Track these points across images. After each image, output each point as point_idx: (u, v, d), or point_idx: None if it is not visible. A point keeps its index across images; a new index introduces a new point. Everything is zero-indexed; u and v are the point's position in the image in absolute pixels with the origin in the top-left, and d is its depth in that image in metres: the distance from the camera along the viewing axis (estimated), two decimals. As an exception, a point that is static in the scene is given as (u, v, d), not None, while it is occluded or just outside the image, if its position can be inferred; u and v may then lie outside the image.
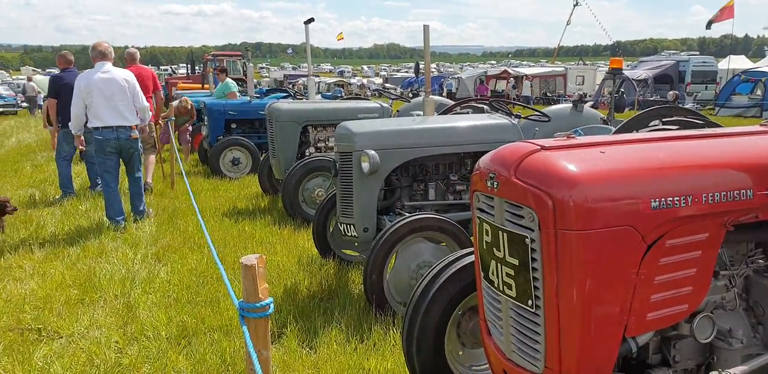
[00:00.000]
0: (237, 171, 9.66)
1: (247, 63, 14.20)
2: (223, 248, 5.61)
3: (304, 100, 9.75)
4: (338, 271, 4.98)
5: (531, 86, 34.09)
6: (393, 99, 9.41)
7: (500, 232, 1.98)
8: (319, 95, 15.73)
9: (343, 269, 5.04)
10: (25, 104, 28.50)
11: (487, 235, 2.08)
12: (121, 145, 6.42)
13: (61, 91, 7.98)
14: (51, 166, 11.01)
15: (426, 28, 5.09)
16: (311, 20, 8.50)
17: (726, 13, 27.73)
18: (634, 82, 26.14)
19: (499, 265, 2.03)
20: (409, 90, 42.42)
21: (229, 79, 11.38)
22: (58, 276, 4.87)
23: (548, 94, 33.92)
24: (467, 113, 6.30)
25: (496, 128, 4.72)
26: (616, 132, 4.40)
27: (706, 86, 28.63)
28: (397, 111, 9.39)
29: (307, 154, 7.67)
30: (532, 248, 1.86)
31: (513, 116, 5.03)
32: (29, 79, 27.99)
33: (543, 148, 1.94)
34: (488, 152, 4.59)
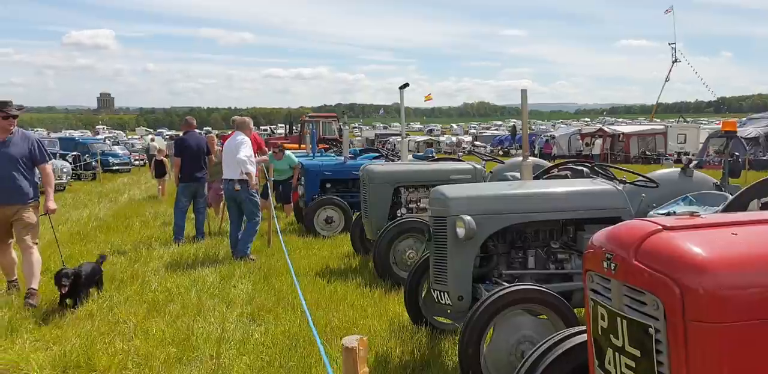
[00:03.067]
0: (330, 230, 9.80)
1: (343, 126, 14.66)
2: (315, 310, 5.59)
3: (397, 161, 9.87)
4: (431, 340, 4.81)
5: (602, 145, 33.40)
6: (485, 160, 9.32)
7: (618, 318, 1.83)
8: (411, 155, 15.91)
9: (435, 337, 4.87)
10: (137, 163, 30.79)
11: (603, 320, 1.92)
12: (232, 194, 7.96)
13: (184, 151, 9.34)
14: (158, 221, 11.70)
15: (524, 92, 5.05)
16: (406, 85, 8.70)
17: None
18: (743, 140, 24.66)
19: (616, 354, 1.86)
20: (499, 148, 42.28)
21: (287, 152, 11.53)
22: (159, 333, 5.00)
23: (647, 153, 32.66)
24: (566, 175, 6.12)
25: (600, 194, 4.52)
26: (735, 199, 4.10)
27: (827, 143, 26.66)
28: (490, 172, 9.28)
29: (398, 215, 7.68)
30: (656, 340, 1.69)
31: (618, 181, 4.81)
32: (152, 140, 30.42)
33: (665, 228, 1.80)
34: (592, 219, 4.41)
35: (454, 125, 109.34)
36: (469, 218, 4.16)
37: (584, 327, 2.62)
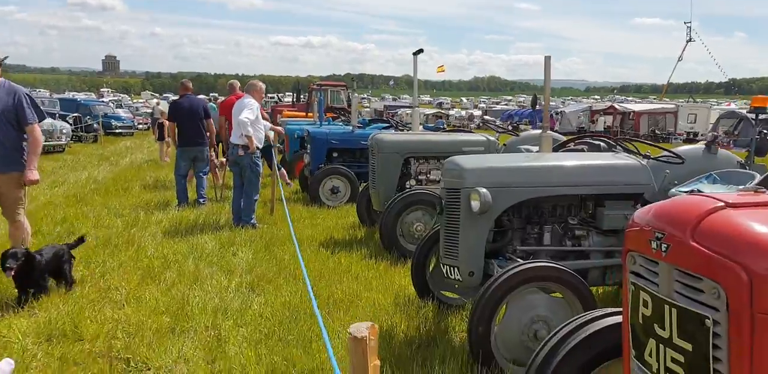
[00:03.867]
0: (335, 200, 9.58)
1: (351, 94, 14.33)
2: (318, 281, 5.41)
3: (407, 131, 9.58)
4: (437, 315, 4.63)
5: (605, 122, 33.37)
6: (500, 132, 9.03)
7: (666, 306, 1.59)
8: (421, 127, 15.59)
9: (442, 312, 4.68)
10: (141, 126, 30.48)
11: (646, 307, 1.69)
12: (236, 159, 7.74)
13: (178, 114, 8.96)
14: (158, 185, 11.49)
15: (547, 59, 4.74)
16: (420, 51, 8.34)
17: None
18: (753, 121, 24.17)
19: (661, 346, 1.63)
20: (508, 122, 41.76)
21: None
22: (152, 302, 4.81)
23: (657, 131, 32.24)
24: (582, 149, 5.86)
25: (623, 168, 4.26)
26: (766, 178, 3.84)
27: (842, 125, 26.24)
28: (504, 145, 9.01)
29: (407, 186, 7.45)
30: (714, 333, 1.46)
31: (642, 156, 4.55)
32: (158, 104, 30.06)
33: (728, 205, 1.55)
34: (613, 194, 4.16)
35: (464, 99, 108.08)
36: (485, 190, 3.91)
37: (609, 310, 2.41)
